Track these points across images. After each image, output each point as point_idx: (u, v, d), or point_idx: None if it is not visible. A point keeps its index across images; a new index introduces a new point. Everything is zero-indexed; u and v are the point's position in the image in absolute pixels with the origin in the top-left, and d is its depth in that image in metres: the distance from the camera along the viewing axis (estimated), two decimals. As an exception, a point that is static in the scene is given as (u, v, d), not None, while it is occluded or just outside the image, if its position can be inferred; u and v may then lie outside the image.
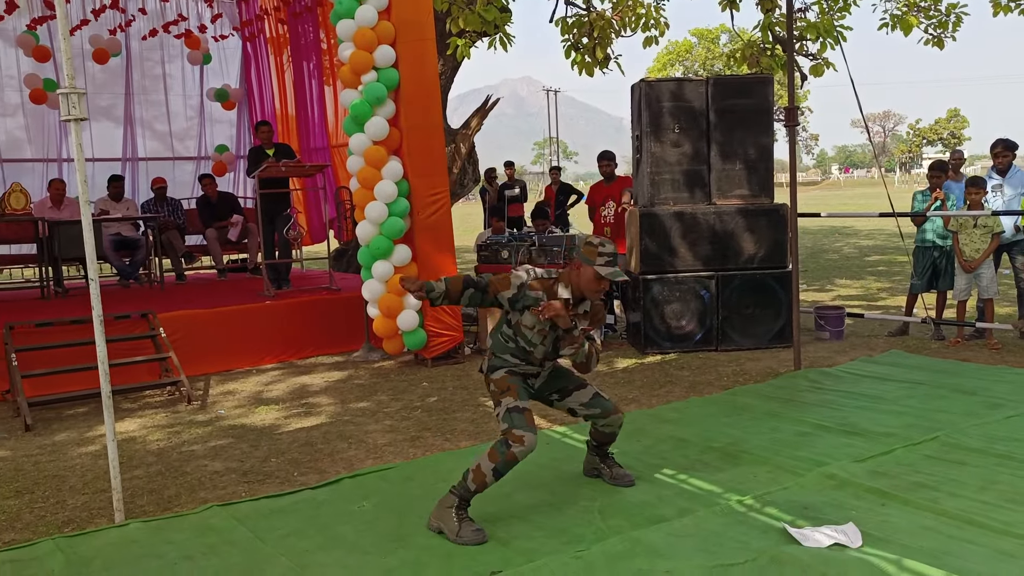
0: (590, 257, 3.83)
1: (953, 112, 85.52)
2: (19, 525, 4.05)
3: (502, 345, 4.00)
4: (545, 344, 3.94)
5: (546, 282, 3.92)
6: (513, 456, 3.71)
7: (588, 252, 3.84)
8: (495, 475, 3.73)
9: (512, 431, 3.73)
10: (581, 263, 3.87)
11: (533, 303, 3.87)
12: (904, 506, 3.80)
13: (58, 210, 9.29)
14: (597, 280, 3.82)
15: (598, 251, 3.82)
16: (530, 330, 3.91)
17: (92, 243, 3.98)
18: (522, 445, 3.71)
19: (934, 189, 7.71)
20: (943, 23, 11.09)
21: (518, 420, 3.77)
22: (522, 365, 4.01)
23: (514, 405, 3.83)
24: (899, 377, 6.27)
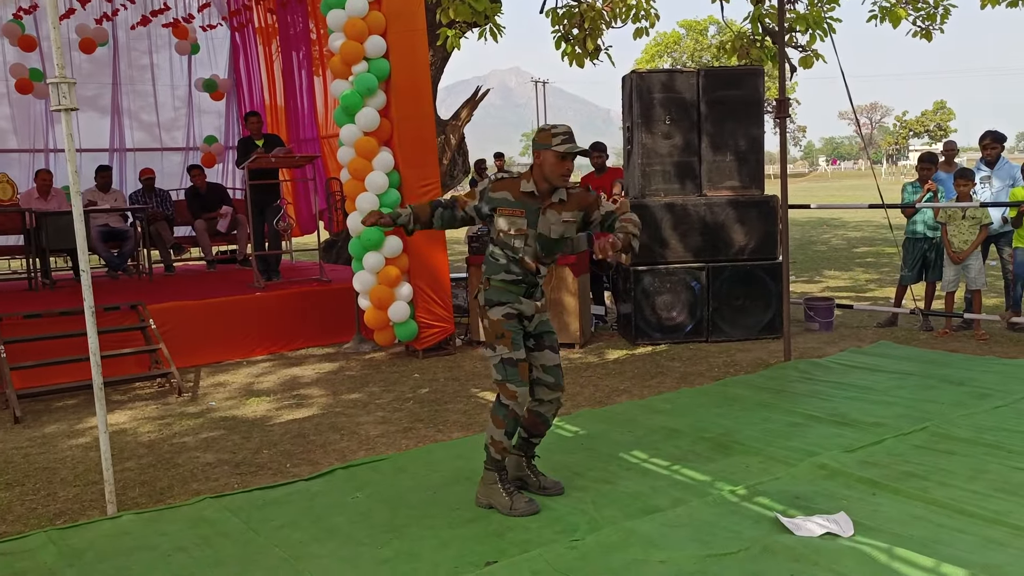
0: (545, 141, 3.76)
1: (939, 104, 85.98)
2: (10, 518, 4.03)
3: (494, 265, 3.88)
4: (530, 244, 3.82)
5: (509, 181, 3.86)
6: (514, 414, 3.77)
7: (542, 138, 3.78)
8: (508, 437, 3.81)
9: (506, 385, 3.75)
10: (539, 151, 3.79)
11: (501, 203, 3.82)
12: (895, 495, 3.84)
13: (45, 201, 9.21)
14: (559, 161, 3.73)
15: (552, 133, 3.76)
16: (508, 234, 3.82)
17: (84, 234, 3.95)
18: (515, 400, 3.75)
19: (924, 181, 7.74)
20: (931, 15, 11.10)
21: (511, 373, 3.76)
22: (519, 287, 3.86)
23: (508, 356, 3.77)
24: (888, 368, 6.31)
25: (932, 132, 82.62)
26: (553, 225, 3.84)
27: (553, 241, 3.87)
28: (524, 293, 3.89)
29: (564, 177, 3.80)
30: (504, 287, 3.86)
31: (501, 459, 3.86)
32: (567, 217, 3.87)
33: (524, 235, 3.81)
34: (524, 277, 3.87)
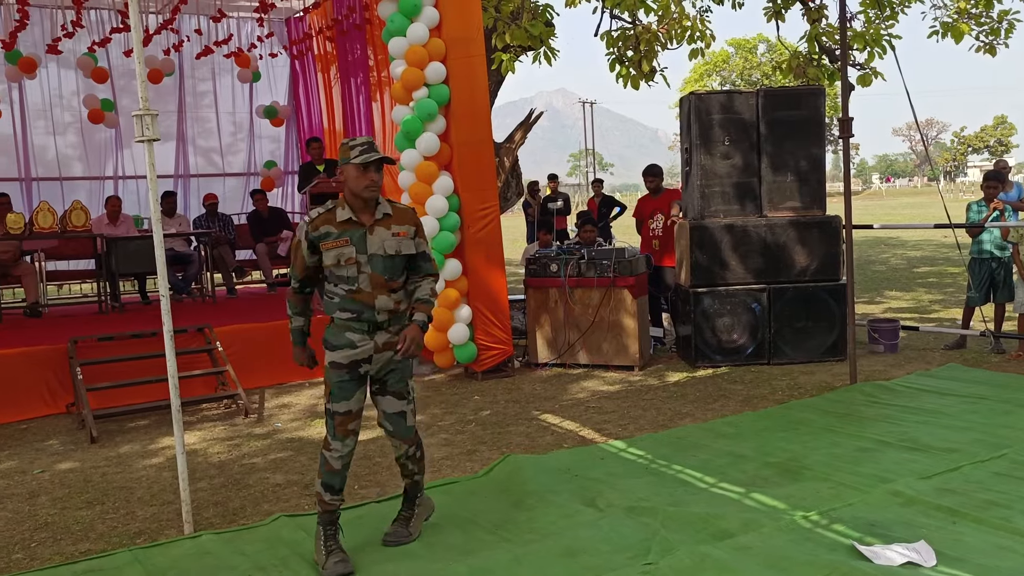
0: (345, 156, 3.61)
1: (1000, 119, 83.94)
2: (93, 535, 4.15)
3: (329, 304, 3.69)
4: (365, 271, 3.60)
5: (325, 215, 3.65)
6: (329, 466, 3.65)
7: (341, 153, 3.65)
8: (325, 490, 3.65)
9: (326, 437, 3.67)
10: (342, 168, 3.64)
11: (323, 238, 3.61)
12: (977, 525, 3.74)
13: (114, 226, 9.51)
14: (361, 173, 3.56)
15: (349, 147, 3.62)
16: (339, 266, 3.60)
17: (163, 260, 4.08)
18: (330, 452, 3.65)
19: (990, 200, 7.58)
20: (995, 30, 10.91)
21: (329, 425, 3.66)
22: (359, 324, 3.63)
23: (328, 407, 3.66)
24: (959, 391, 6.16)
25: (992, 148, 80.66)
26: (386, 242, 3.64)
27: (393, 258, 3.65)
28: (365, 331, 3.65)
29: (370, 189, 3.59)
30: (342, 326, 3.65)
31: (324, 512, 3.68)
32: (398, 230, 3.68)
33: (355, 263, 3.60)
34: (362, 313, 3.62)
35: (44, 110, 10.95)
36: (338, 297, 3.65)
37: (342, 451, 3.65)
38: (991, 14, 10.64)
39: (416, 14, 7.03)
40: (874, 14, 10.55)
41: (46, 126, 11.01)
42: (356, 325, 3.65)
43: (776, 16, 10.49)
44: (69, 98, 11.08)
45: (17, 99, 10.63)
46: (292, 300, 3.79)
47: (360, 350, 3.65)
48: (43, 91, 10.86)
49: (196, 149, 12.10)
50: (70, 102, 11.08)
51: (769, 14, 10.47)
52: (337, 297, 3.65)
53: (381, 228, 3.66)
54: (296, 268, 3.72)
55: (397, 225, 3.70)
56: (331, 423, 3.66)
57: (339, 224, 3.63)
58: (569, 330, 7.56)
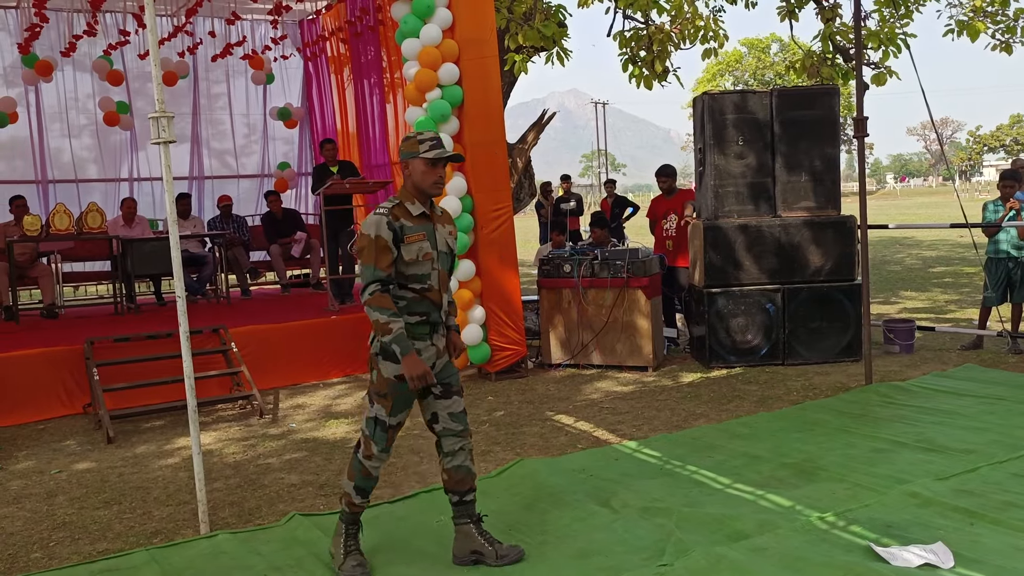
0: (412, 149, 3.51)
1: (1016, 118, 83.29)
2: (110, 535, 4.18)
3: None
4: (436, 267, 3.53)
5: (398, 208, 3.50)
6: (367, 472, 3.57)
7: (408, 146, 3.53)
8: (358, 494, 3.59)
9: (370, 443, 3.54)
10: (408, 162, 3.53)
11: (406, 230, 3.46)
12: (995, 526, 3.71)
13: (129, 228, 9.58)
14: (430, 168, 3.49)
15: (418, 140, 3.52)
16: (416, 263, 3.48)
17: (179, 261, 4.10)
18: (370, 461, 3.55)
19: (1006, 199, 7.52)
20: (1011, 28, 10.82)
21: (379, 437, 3.54)
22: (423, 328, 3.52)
23: (384, 419, 3.53)
24: (976, 392, 6.12)
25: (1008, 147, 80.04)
26: (447, 239, 3.63)
27: (451, 255, 3.64)
28: (427, 335, 3.55)
29: (437, 185, 3.53)
30: (408, 331, 3.46)
31: (351, 513, 3.61)
32: (450, 229, 3.68)
33: (431, 259, 3.51)
34: (430, 315, 3.54)
35: (60, 113, 11.04)
36: (405, 300, 3.49)
37: (383, 461, 3.60)
38: (1007, 12, 10.56)
39: (429, 15, 7.05)
40: (889, 13, 10.49)
41: (62, 129, 11.10)
42: (420, 330, 3.52)
43: (789, 15, 10.45)
44: (84, 101, 11.17)
45: (33, 102, 10.72)
46: (384, 302, 3.40)
47: (425, 358, 3.52)
48: (59, 94, 10.96)
49: (210, 151, 12.17)
50: (85, 105, 11.16)
51: (782, 13, 10.44)
52: (404, 300, 3.49)
53: (440, 224, 3.62)
54: (381, 264, 3.40)
55: (447, 224, 3.68)
56: (383, 436, 3.54)
57: (414, 219, 3.51)
58: (583, 331, 7.55)
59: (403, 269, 3.47)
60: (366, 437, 3.57)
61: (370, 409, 3.57)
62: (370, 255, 3.42)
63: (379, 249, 3.41)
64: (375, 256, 3.42)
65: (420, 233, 3.49)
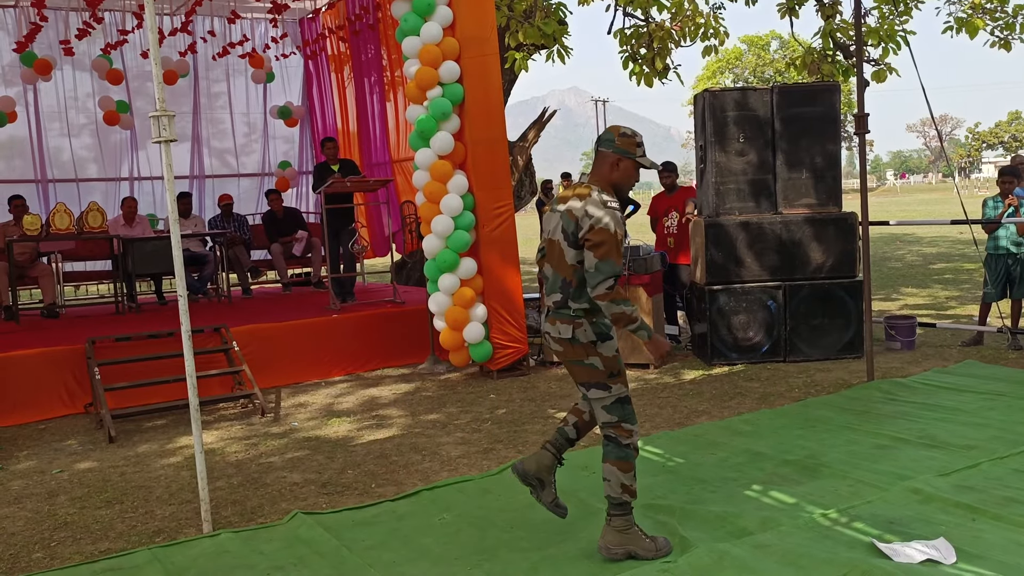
0: (630, 149, 3.49)
1: (1015, 115, 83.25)
2: (112, 534, 4.19)
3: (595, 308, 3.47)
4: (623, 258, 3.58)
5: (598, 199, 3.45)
6: (636, 451, 3.54)
7: (626, 144, 3.50)
8: (635, 479, 3.54)
9: (622, 425, 3.49)
10: (620, 157, 3.50)
11: None
12: (996, 522, 3.71)
13: (130, 227, 9.57)
14: (635, 172, 3.53)
15: (636, 141, 3.52)
16: None
17: (180, 260, 4.10)
18: (632, 438, 3.51)
19: (1005, 195, 7.52)
20: (1010, 25, 10.81)
21: (628, 412, 3.52)
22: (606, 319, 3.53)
23: (626, 395, 3.52)
24: (977, 388, 6.12)
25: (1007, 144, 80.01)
26: None
27: None
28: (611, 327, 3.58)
29: (630, 187, 3.60)
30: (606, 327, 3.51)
31: (630, 500, 3.54)
32: None
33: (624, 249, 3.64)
34: None
35: (59, 112, 11.03)
36: None
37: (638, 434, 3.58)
38: (1006, 9, 10.55)
39: (430, 13, 7.04)
40: (888, 10, 10.49)
41: (61, 128, 11.10)
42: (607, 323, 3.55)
43: (789, 12, 10.45)
44: (84, 100, 11.16)
45: (32, 101, 10.71)
46: (621, 295, 3.41)
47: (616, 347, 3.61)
48: (58, 93, 10.95)
49: (211, 150, 12.16)
50: (85, 104, 11.16)
51: (783, 10, 10.43)
52: None
53: None
54: (620, 258, 3.40)
55: None
56: (630, 409, 3.54)
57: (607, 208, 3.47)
58: (584, 328, 7.54)
59: None
60: (618, 424, 3.51)
61: (608, 395, 3.50)
62: (612, 250, 3.38)
63: (619, 244, 3.41)
64: (617, 251, 3.40)
65: None
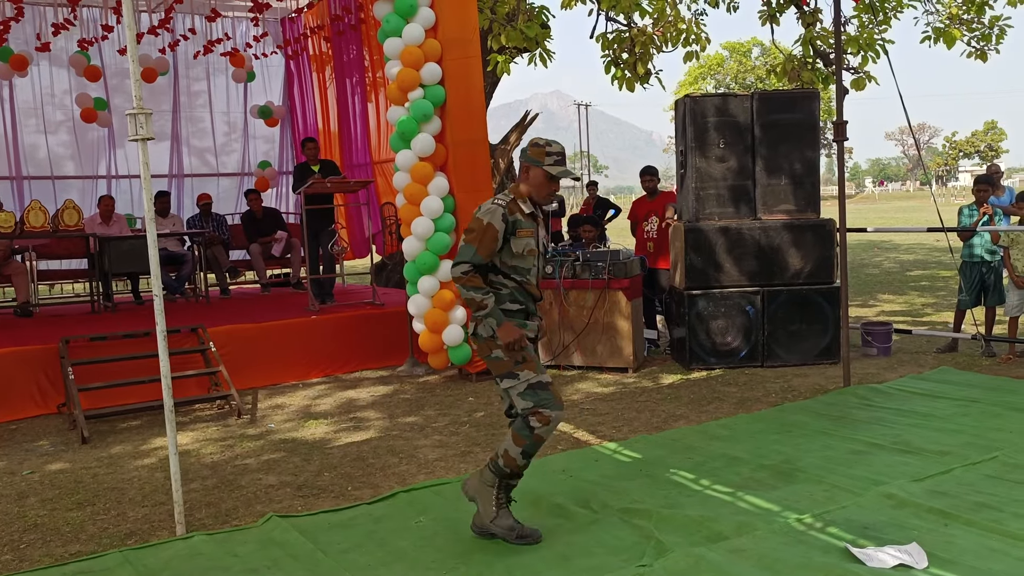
0: (538, 158, 3.63)
1: (990, 124, 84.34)
2: (83, 537, 4.13)
3: (497, 296, 3.68)
4: (536, 264, 3.74)
5: (513, 204, 3.68)
6: (539, 438, 3.64)
7: (536, 153, 3.64)
8: (524, 457, 3.67)
9: (540, 411, 3.60)
10: (530, 166, 3.67)
11: (519, 224, 3.64)
12: (968, 527, 3.75)
13: (107, 226, 9.47)
14: (548, 182, 3.65)
15: (546, 151, 3.63)
16: (521, 256, 3.66)
17: (157, 259, 4.06)
18: (546, 425, 3.61)
19: (980, 203, 7.61)
20: (986, 36, 10.98)
21: (544, 397, 3.62)
22: (519, 316, 3.72)
23: (536, 380, 3.64)
24: (951, 394, 6.18)
25: (983, 153, 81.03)
26: (543, 240, 3.83)
27: (546, 259, 3.85)
28: (524, 324, 3.76)
29: (549, 198, 3.74)
30: (509, 317, 3.69)
31: (508, 474, 3.71)
32: (544, 233, 3.86)
33: (535, 255, 3.72)
34: (526, 305, 3.75)
35: (35, 108, 10.90)
36: (506, 288, 3.69)
37: (560, 419, 3.67)
38: (982, 20, 10.72)
39: (412, 15, 7.03)
40: (867, 19, 10.61)
41: (37, 124, 10.97)
42: (519, 318, 3.72)
43: (771, 19, 10.54)
44: (61, 96, 11.04)
45: (7, 97, 10.58)
46: (476, 282, 3.59)
47: (529, 330, 3.78)
48: (34, 89, 10.82)
49: (190, 149, 12.07)
50: (62, 100, 11.03)
51: (764, 17, 10.53)
52: (505, 289, 3.69)
53: (541, 228, 3.82)
54: (483, 251, 3.59)
55: (542, 226, 3.85)
56: (548, 395, 3.64)
57: (526, 216, 3.70)
58: (563, 332, 7.56)
59: (509, 260, 3.66)
60: (534, 409, 3.61)
61: (517, 383, 3.64)
62: (476, 238, 3.59)
63: (487, 237, 3.59)
64: (480, 241, 3.59)
65: (529, 230, 3.69)
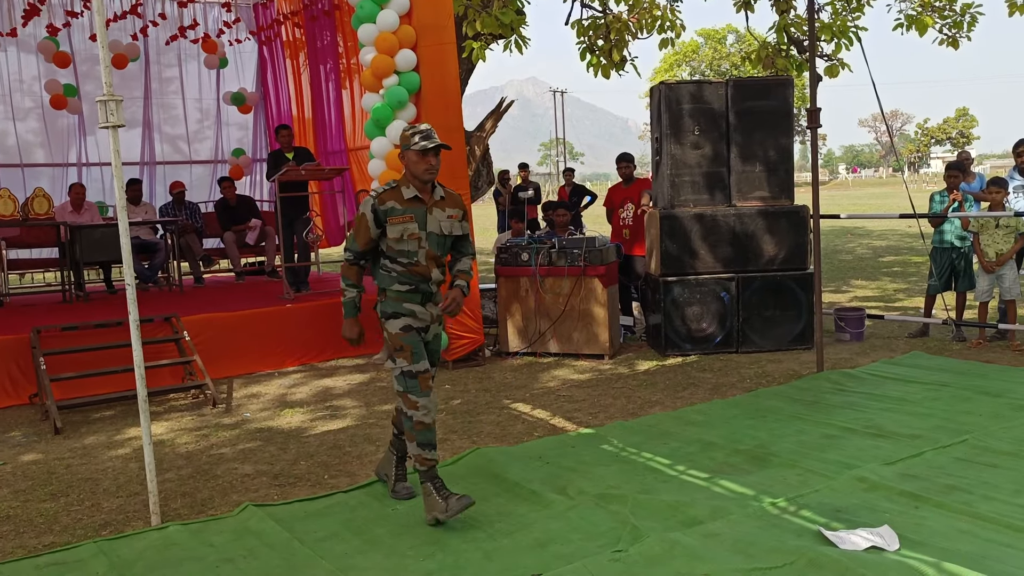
0: (406, 142, 3.89)
1: (962, 111, 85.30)
2: (57, 528, 4.09)
3: (386, 277, 3.98)
4: (424, 246, 3.91)
5: (391, 192, 3.93)
6: (421, 424, 3.88)
7: (403, 140, 3.92)
8: (423, 448, 3.89)
9: (407, 396, 3.88)
10: (404, 153, 3.92)
11: (390, 213, 3.87)
12: (938, 509, 3.81)
13: (78, 214, 9.34)
14: (420, 158, 3.86)
15: (409, 134, 3.89)
16: (400, 241, 3.89)
17: (128, 247, 4.01)
18: (417, 410, 3.86)
19: (951, 189, 7.70)
20: (958, 23, 11.07)
21: (412, 385, 3.88)
22: (414, 295, 3.96)
23: (408, 369, 3.89)
24: (922, 379, 6.27)
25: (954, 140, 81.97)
26: (442, 223, 3.97)
27: (444, 237, 3.98)
28: (420, 302, 4.00)
29: (428, 172, 3.89)
30: (399, 297, 3.96)
31: (427, 469, 3.91)
32: (451, 212, 4.01)
33: (417, 239, 3.91)
34: (417, 285, 3.96)
35: (4, 95, 10.73)
36: (395, 272, 3.95)
37: (431, 405, 3.90)
38: (954, 7, 10.81)
39: (386, 1, 6.96)
40: (841, 6, 10.67)
41: (6, 111, 10.79)
42: (411, 297, 3.97)
43: (745, 6, 10.56)
44: (30, 83, 10.86)
45: (-25, 84, 10.39)
46: (348, 272, 3.99)
47: (420, 319, 3.99)
48: (2, 76, 10.63)
49: (162, 136, 11.92)
50: (31, 87, 10.86)
51: (738, 4, 10.55)
52: (395, 272, 3.95)
53: (437, 209, 3.98)
54: (359, 240, 3.94)
55: (450, 208, 4.03)
56: (415, 383, 3.89)
57: (405, 202, 3.91)
58: (540, 319, 7.57)
59: (392, 245, 3.91)
60: (403, 394, 3.91)
61: (394, 367, 3.93)
62: (355, 229, 3.97)
63: (360, 227, 3.94)
64: (355, 231, 3.96)
65: (407, 216, 3.90)
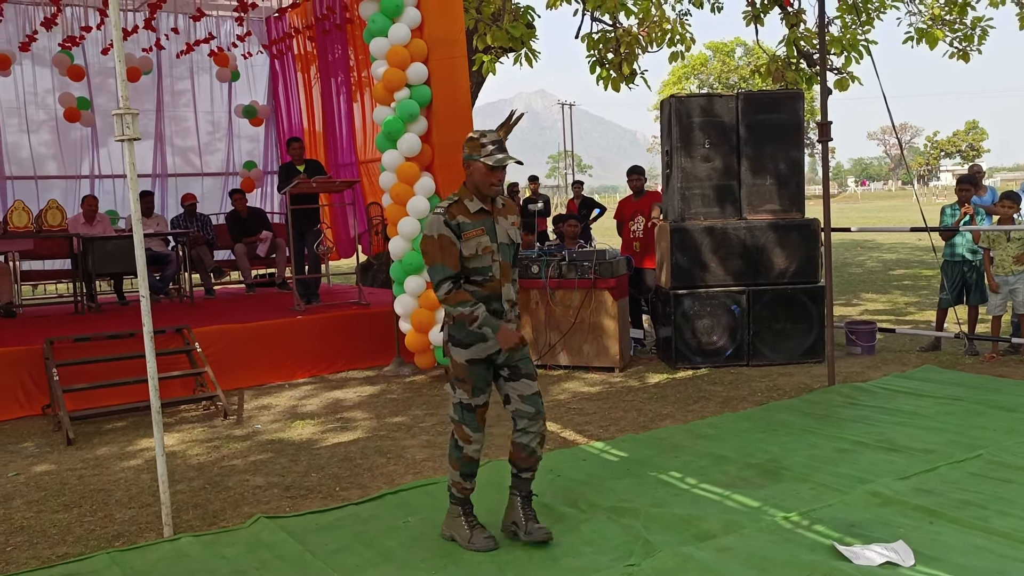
0: (475, 152, 3.64)
1: (972, 124, 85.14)
2: (70, 539, 4.10)
3: None
4: (497, 259, 3.68)
5: (458, 205, 3.67)
6: (468, 458, 3.77)
7: (471, 148, 3.67)
8: (465, 479, 3.81)
9: (462, 427, 3.76)
10: (469, 163, 3.68)
11: (464, 227, 3.63)
12: (953, 524, 3.79)
13: (91, 226, 9.40)
14: (489, 172, 3.63)
15: (480, 143, 3.64)
16: (476, 256, 3.64)
17: (143, 261, 4.03)
18: (469, 445, 3.76)
19: (962, 203, 7.68)
20: (968, 36, 11.09)
21: (468, 419, 3.76)
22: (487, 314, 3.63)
23: (468, 402, 3.75)
24: (935, 393, 6.24)
25: (964, 152, 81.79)
26: (509, 231, 3.78)
27: (513, 246, 3.78)
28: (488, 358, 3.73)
29: (495, 187, 3.68)
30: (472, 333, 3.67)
31: (460, 498, 3.85)
32: (513, 220, 3.83)
33: (491, 252, 3.68)
34: (491, 304, 3.69)
35: (18, 108, 10.80)
36: (473, 286, 3.69)
37: (483, 441, 3.81)
38: (965, 20, 10.82)
39: (398, 15, 7.02)
40: (851, 19, 10.69)
41: (20, 124, 10.87)
42: (481, 350, 3.70)
43: (755, 20, 10.59)
44: (44, 96, 10.94)
45: (-10, 96, 10.48)
46: (461, 297, 3.62)
47: (491, 343, 3.69)
48: (17, 88, 10.72)
49: (174, 148, 11.99)
50: (45, 100, 10.94)
51: (748, 18, 10.58)
52: (468, 289, 3.68)
53: (501, 217, 3.77)
54: (448, 263, 3.62)
55: (511, 215, 3.82)
56: (471, 418, 3.75)
57: (473, 215, 3.68)
58: (550, 331, 7.57)
59: (467, 264, 3.66)
60: (457, 423, 3.78)
61: (453, 396, 3.79)
62: (436, 255, 3.64)
63: (444, 247, 3.62)
64: (442, 255, 3.63)
65: (479, 228, 3.66)
